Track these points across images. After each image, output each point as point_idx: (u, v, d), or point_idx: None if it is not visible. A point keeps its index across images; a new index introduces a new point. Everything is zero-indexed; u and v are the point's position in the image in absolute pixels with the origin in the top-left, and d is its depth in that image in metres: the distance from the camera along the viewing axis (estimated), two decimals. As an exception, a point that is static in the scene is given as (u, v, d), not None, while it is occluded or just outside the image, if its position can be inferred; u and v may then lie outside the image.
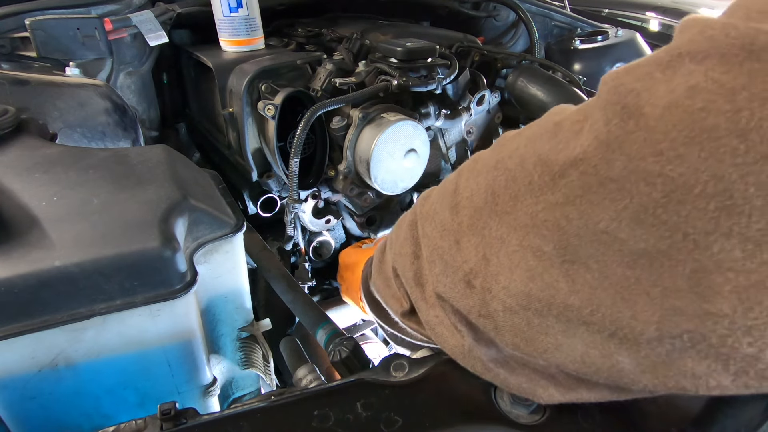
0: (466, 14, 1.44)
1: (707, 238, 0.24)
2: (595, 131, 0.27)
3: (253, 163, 0.97)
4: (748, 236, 0.23)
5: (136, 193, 0.48)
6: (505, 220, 0.32)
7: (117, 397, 0.49)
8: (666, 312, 0.26)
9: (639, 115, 0.25)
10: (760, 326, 0.23)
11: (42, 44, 0.91)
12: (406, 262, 0.44)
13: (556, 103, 0.38)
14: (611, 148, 0.26)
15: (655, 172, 0.24)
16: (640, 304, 0.26)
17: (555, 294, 0.30)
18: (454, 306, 0.38)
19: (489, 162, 0.36)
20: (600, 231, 0.27)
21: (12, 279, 0.39)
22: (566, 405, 0.36)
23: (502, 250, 0.33)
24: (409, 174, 0.93)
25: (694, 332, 0.25)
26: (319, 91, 0.91)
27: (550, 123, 0.32)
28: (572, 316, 0.29)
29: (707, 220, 0.23)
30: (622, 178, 0.26)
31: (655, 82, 0.25)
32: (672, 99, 0.24)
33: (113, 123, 0.75)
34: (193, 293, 0.46)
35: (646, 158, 0.25)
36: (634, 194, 0.25)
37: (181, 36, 1.22)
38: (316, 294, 1.08)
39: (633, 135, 0.25)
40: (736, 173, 0.22)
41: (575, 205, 0.28)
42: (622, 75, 0.27)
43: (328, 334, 0.60)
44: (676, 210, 0.24)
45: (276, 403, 0.39)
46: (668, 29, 1.74)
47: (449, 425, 0.37)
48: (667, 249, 0.25)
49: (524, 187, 0.31)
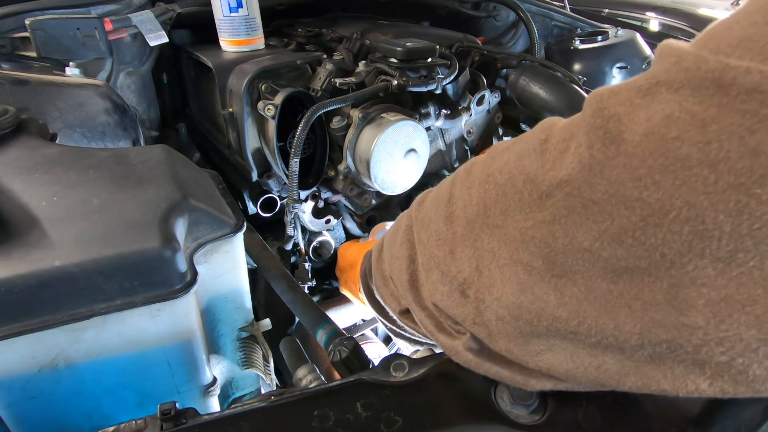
0: (466, 14, 1.44)
1: (682, 258, 0.25)
2: (579, 155, 0.28)
3: (253, 163, 0.97)
4: (719, 257, 0.24)
5: (136, 193, 0.48)
6: (496, 233, 0.34)
7: (117, 397, 0.49)
8: (646, 323, 0.27)
9: (620, 141, 0.26)
10: (731, 337, 0.25)
11: (42, 44, 0.91)
12: (402, 266, 0.45)
13: (558, 102, 0.40)
14: (594, 172, 0.28)
15: (634, 197, 0.26)
16: (622, 316, 0.28)
17: (544, 306, 0.31)
18: (448, 313, 0.40)
19: (481, 174, 0.37)
20: (584, 249, 0.29)
21: (12, 279, 0.39)
22: (566, 405, 0.36)
23: (493, 263, 0.35)
24: (409, 174, 0.93)
25: (671, 342, 0.27)
26: (319, 91, 0.91)
27: (537, 140, 0.33)
28: (560, 327, 0.31)
29: (682, 242, 0.25)
30: (604, 201, 0.27)
31: (635, 107, 0.27)
32: (649, 127, 0.25)
33: (113, 123, 0.75)
34: (193, 293, 0.46)
35: (625, 183, 0.26)
36: (614, 217, 0.27)
37: (181, 36, 1.22)
38: (316, 294, 1.08)
39: (614, 161, 0.27)
40: (706, 201, 0.24)
41: (561, 224, 0.30)
42: (607, 97, 0.28)
43: (328, 334, 0.60)
44: (653, 232, 0.26)
45: (276, 403, 0.39)
46: (668, 29, 1.74)
47: (449, 425, 0.37)
48: (647, 267, 0.27)
49: (514, 203, 0.33)
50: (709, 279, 0.25)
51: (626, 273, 0.28)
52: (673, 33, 1.71)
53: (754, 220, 0.23)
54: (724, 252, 0.24)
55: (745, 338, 0.25)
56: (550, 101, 1.03)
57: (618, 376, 0.30)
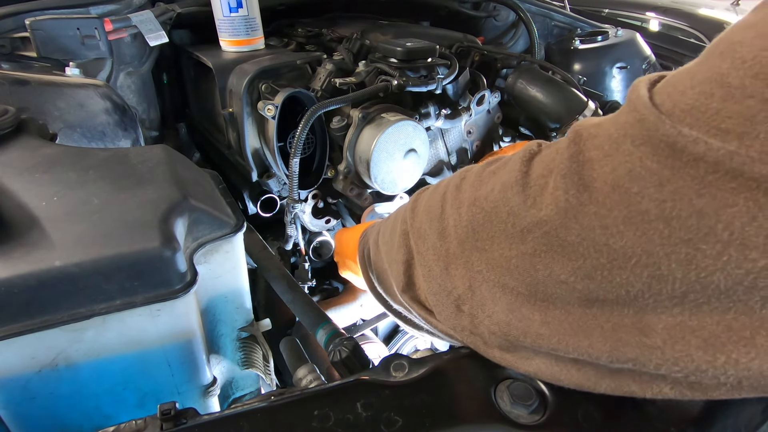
0: (466, 14, 1.44)
1: (644, 294, 0.29)
2: (556, 198, 0.32)
3: (253, 163, 0.97)
4: (674, 295, 0.28)
5: (136, 193, 0.48)
6: (485, 257, 0.38)
7: (117, 397, 0.49)
8: (615, 343, 0.31)
9: (592, 189, 0.30)
10: (684, 358, 0.29)
11: (42, 44, 0.91)
12: (400, 269, 0.48)
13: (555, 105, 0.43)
14: (569, 216, 0.31)
15: (602, 242, 0.30)
16: (595, 335, 0.32)
17: (530, 324, 0.35)
18: (445, 324, 0.43)
19: (469, 196, 0.41)
20: (561, 281, 0.33)
21: (12, 279, 0.39)
22: (566, 405, 0.37)
23: (484, 285, 0.39)
24: (409, 174, 0.93)
25: (636, 360, 0.31)
26: (319, 91, 0.91)
27: (520, 172, 0.36)
28: (543, 343, 0.35)
29: (642, 283, 0.29)
30: (577, 243, 0.31)
31: (606, 155, 0.30)
32: (616, 179, 0.29)
33: (113, 123, 0.75)
34: (193, 293, 0.46)
35: (595, 230, 0.30)
36: (586, 257, 0.31)
37: (181, 36, 1.22)
38: (316, 294, 1.08)
39: (586, 208, 0.30)
40: (662, 251, 0.28)
41: (541, 258, 0.34)
42: (586, 138, 0.32)
43: (328, 334, 0.60)
44: (618, 273, 0.30)
45: (276, 403, 0.39)
46: (668, 29, 1.74)
47: (449, 425, 0.37)
48: (615, 298, 0.31)
49: (499, 231, 0.37)
50: (666, 309, 0.29)
51: (598, 302, 0.32)
52: (673, 33, 1.71)
53: (700, 270, 0.27)
54: (678, 292, 0.28)
55: (695, 359, 0.28)
56: (548, 104, 1.03)
57: (595, 379, 0.34)
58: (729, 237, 0.26)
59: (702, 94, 0.27)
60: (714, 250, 0.26)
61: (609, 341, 0.31)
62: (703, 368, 0.28)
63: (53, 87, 0.73)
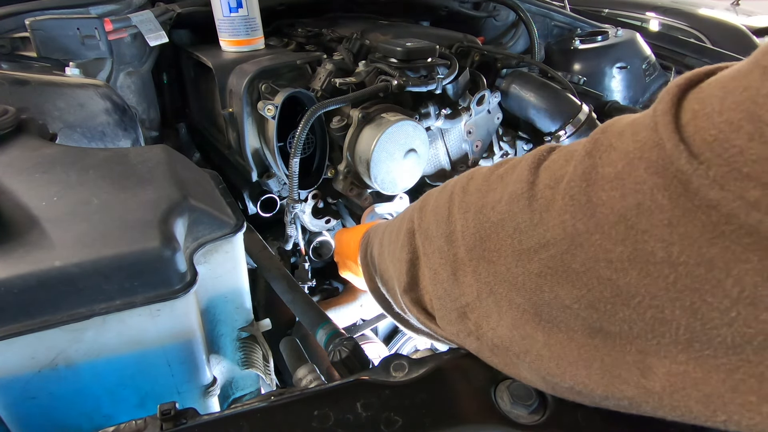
0: (466, 14, 1.44)
1: (647, 334, 0.28)
2: (563, 222, 0.31)
3: (253, 163, 0.97)
4: (678, 341, 0.27)
5: (136, 193, 0.48)
6: (493, 269, 0.37)
7: (117, 397, 0.49)
8: (614, 379, 0.30)
9: (598, 215, 0.28)
10: (681, 407, 0.27)
11: (42, 44, 0.91)
12: (403, 268, 0.47)
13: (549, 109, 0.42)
14: (575, 243, 0.30)
15: (606, 276, 0.29)
16: (594, 367, 0.31)
17: (533, 344, 0.35)
18: (445, 330, 0.43)
19: (476, 202, 0.40)
20: (566, 306, 0.31)
21: (12, 279, 0.39)
22: (566, 405, 0.37)
23: (491, 297, 0.38)
24: (409, 174, 0.93)
25: (632, 399, 0.30)
26: (319, 91, 0.91)
27: (527, 182, 0.35)
28: (542, 366, 0.34)
29: (645, 323, 0.28)
30: (582, 272, 0.30)
31: (617, 176, 0.28)
32: (623, 210, 0.27)
33: (113, 123, 0.75)
34: (193, 293, 0.46)
35: (600, 262, 0.29)
36: (590, 287, 0.30)
37: (181, 36, 1.22)
38: (316, 294, 1.08)
39: (592, 237, 0.29)
40: (666, 296, 0.26)
41: (546, 280, 0.32)
42: (603, 151, 0.29)
43: (328, 334, 0.60)
44: (621, 309, 0.28)
45: (276, 403, 0.39)
46: (668, 29, 1.74)
47: (449, 425, 0.37)
48: (618, 332, 0.29)
49: (506, 246, 0.36)
50: (671, 354, 0.27)
51: (601, 332, 0.30)
52: (673, 33, 1.71)
53: (706, 321, 0.25)
54: (682, 338, 0.26)
55: (694, 412, 0.27)
56: (542, 109, 1.03)
57: (589, 399, 0.33)
58: (739, 294, 0.24)
59: (728, 125, 0.23)
60: (722, 304, 0.24)
61: (607, 376, 0.30)
62: (702, 420, 0.27)
63: (53, 87, 0.73)
